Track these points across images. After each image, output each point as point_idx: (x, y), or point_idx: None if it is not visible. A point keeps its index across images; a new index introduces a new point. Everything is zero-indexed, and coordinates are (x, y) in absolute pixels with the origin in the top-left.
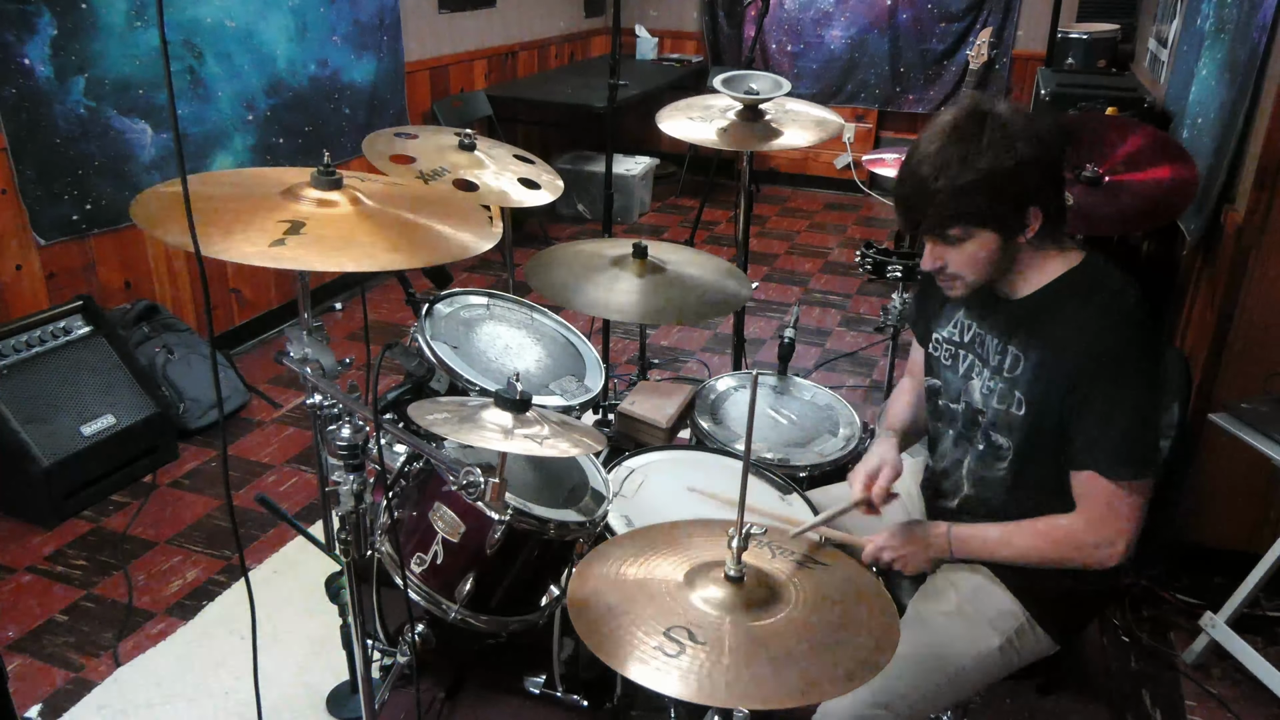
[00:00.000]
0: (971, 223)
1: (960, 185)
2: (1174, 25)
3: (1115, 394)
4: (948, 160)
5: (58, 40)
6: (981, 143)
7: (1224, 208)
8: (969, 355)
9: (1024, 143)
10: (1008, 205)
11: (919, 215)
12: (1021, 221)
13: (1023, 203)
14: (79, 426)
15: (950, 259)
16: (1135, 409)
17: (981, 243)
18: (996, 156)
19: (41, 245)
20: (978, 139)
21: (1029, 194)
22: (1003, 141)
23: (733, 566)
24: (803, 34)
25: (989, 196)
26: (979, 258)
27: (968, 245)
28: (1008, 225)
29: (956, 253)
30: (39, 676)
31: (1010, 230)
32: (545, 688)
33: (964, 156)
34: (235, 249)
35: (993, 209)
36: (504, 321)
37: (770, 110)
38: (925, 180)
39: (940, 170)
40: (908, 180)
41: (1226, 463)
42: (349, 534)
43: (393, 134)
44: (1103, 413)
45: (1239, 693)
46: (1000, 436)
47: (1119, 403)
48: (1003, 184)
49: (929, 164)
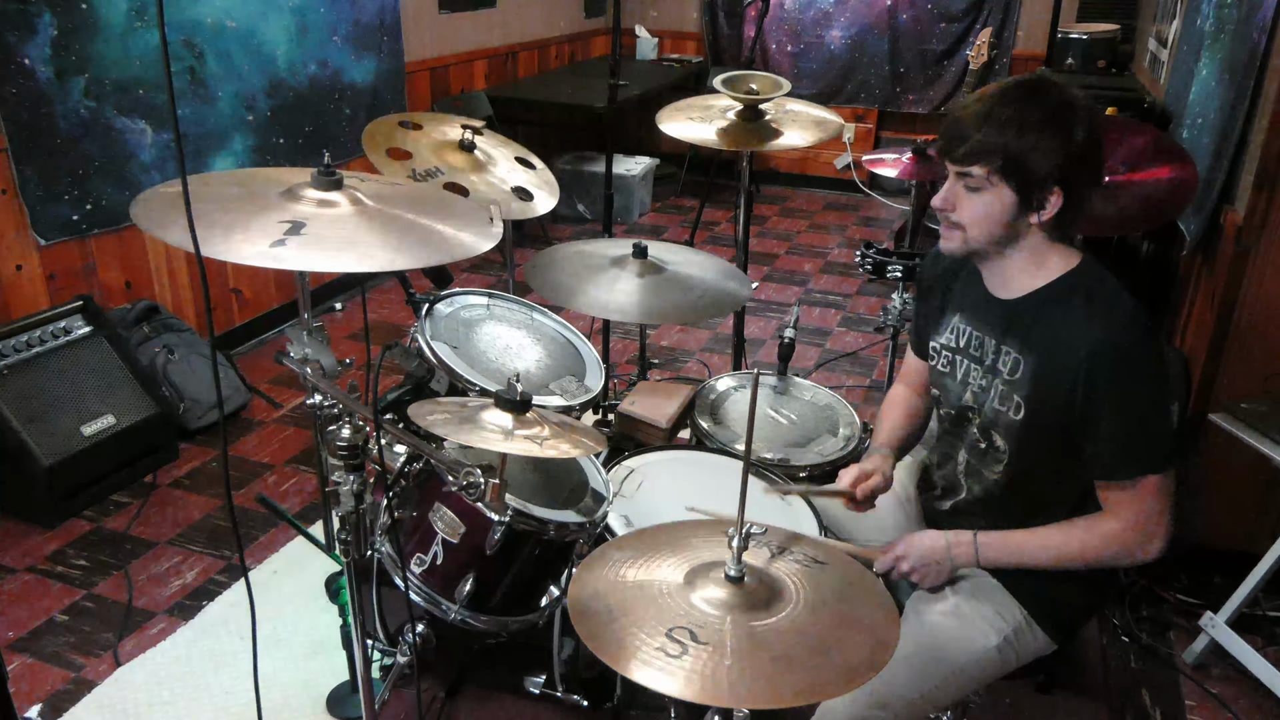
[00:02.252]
0: (996, 171)
1: (1005, 136)
2: (1174, 25)
3: (1124, 401)
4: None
5: (58, 40)
6: (1043, 110)
7: (1223, 208)
8: (964, 359)
9: (1081, 125)
10: (1036, 175)
11: (954, 143)
12: (1043, 196)
13: (1052, 178)
14: (79, 426)
15: (962, 204)
16: (1147, 406)
17: (998, 198)
18: (1046, 124)
19: (42, 245)
20: (1040, 105)
21: (1062, 173)
22: (1061, 116)
23: (733, 566)
24: (803, 34)
25: (1023, 157)
26: (989, 213)
27: (984, 195)
28: (1029, 192)
29: (970, 200)
30: (39, 676)
31: (1029, 198)
32: (545, 688)
33: (1022, 115)
34: (235, 249)
35: (1020, 170)
36: (504, 322)
37: (770, 110)
38: (976, 116)
39: (993, 115)
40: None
41: (1226, 463)
42: (349, 534)
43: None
44: (1114, 420)
45: (1239, 692)
46: (999, 438)
47: (1128, 407)
48: (1041, 152)
49: (986, 104)
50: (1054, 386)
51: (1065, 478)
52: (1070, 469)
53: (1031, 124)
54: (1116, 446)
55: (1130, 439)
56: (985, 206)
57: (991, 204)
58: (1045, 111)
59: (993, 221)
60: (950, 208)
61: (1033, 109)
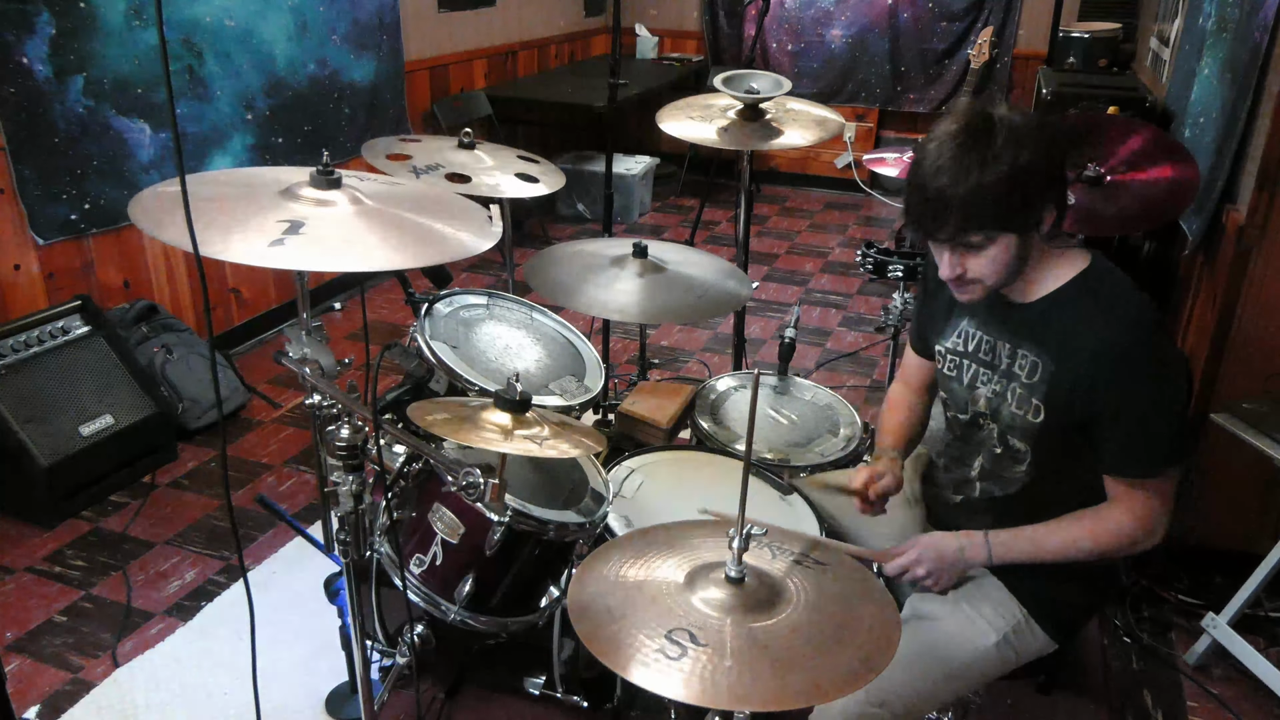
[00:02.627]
0: (993, 227)
1: (981, 191)
2: (1175, 24)
3: (1138, 396)
4: (965, 166)
5: (56, 39)
6: (996, 145)
7: (1225, 207)
8: (973, 364)
9: (1034, 142)
10: (1026, 205)
11: (939, 226)
12: (1037, 219)
13: (1036, 201)
14: (78, 426)
15: (970, 265)
16: (1159, 407)
17: (1003, 246)
18: (1014, 157)
19: (40, 245)
20: (991, 142)
21: (1042, 192)
22: (1015, 142)
23: (733, 567)
24: (803, 33)
25: (1009, 199)
26: (1001, 261)
27: (989, 250)
28: (1025, 225)
29: (977, 259)
30: (37, 677)
31: (1026, 229)
32: (545, 688)
33: (982, 161)
34: (234, 249)
35: (1012, 211)
36: (504, 321)
37: (770, 110)
38: (944, 190)
39: (959, 178)
40: (923, 191)
41: (1228, 463)
42: (348, 534)
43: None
44: (1128, 417)
45: (1240, 693)
46: (1018, 441)
47: (1143, 404)
48: (1021, 184)
49: (946, 173)
50: (1071, 387)
51: (1087, 472)
52: (1091, 465)
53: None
54: (1123, 445)
55: (1136, 438)
56: (994, 257)
57: (998, 254)
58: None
59: (1005, 264)
60: (961, 273)
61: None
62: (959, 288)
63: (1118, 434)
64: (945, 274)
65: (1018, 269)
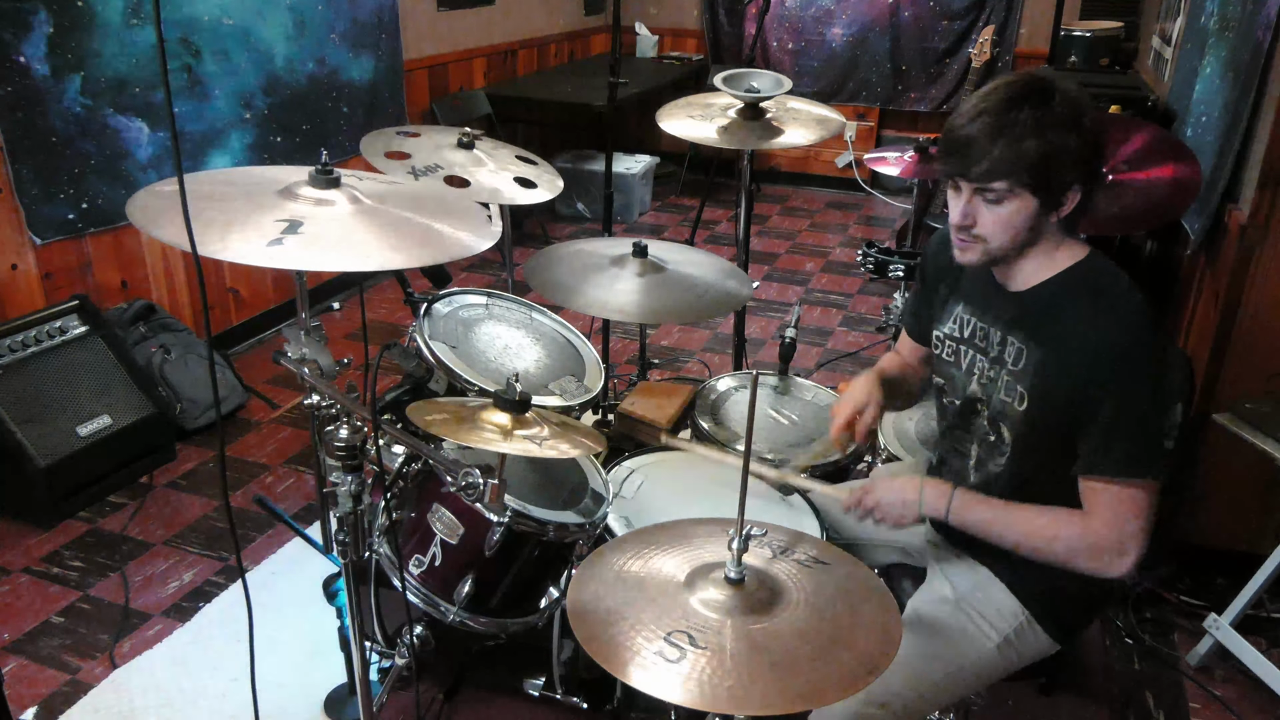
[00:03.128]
0: (1021, 183)
1: (1025, 146)
2: (1177, 23)
3: (1123, 398)
4: (1017, 120)
5: (54, 38)
6: (1054, 110)
7: (1227, 207)
8: (969, 350)
9: (1089, 121)
10: (1059, 177)
11: (970, 162)
12: (1061, 194)
13: (1070, 179)
14: (75, 427)
15: (982, 218)
16: (1144, 410)
17: (1020, 206)
18: (1066, 127)
19: (38, 244)
20: (1049, 106)
21: (1078, 171)
22: (1071, 114)
23: (733, 568)
24: (804, 32)
25: (1045, 159)
26: (1013, 222)
27: (1005, 206)
28: (1051, 196)
29: (991, 212)
30: (35, 679)
31: (1050, 202)
32: (545, 690)
33: (1036, 120)
34: (232, 248)
35: (1046, 176)
36: (503, 321)
37: (771, 109)
38: (986, 127)
39: (1005, 127)
40: (965, 128)
41: (1230, 463)
42: (347, 535)
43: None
44: (1111, 416)
45: (1243, 695)
46: (1005, 429)
47: (1128, 405)
48: (1063, 155)
49: (991, 115)
50: (1057, 380)
51: (1065, 475)
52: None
53: (1049, 127)
54: (1106, 443)
55: (1120, 437)
56: (1008, 216)
57: (1015, 213)
58: (1057, 112)
59: (1016, 229)
60: (971, 223)
61: (1045, 112)
62: (962, 241)
63: (1104, 431)
64: (955, 219)
65: (1024, 242)
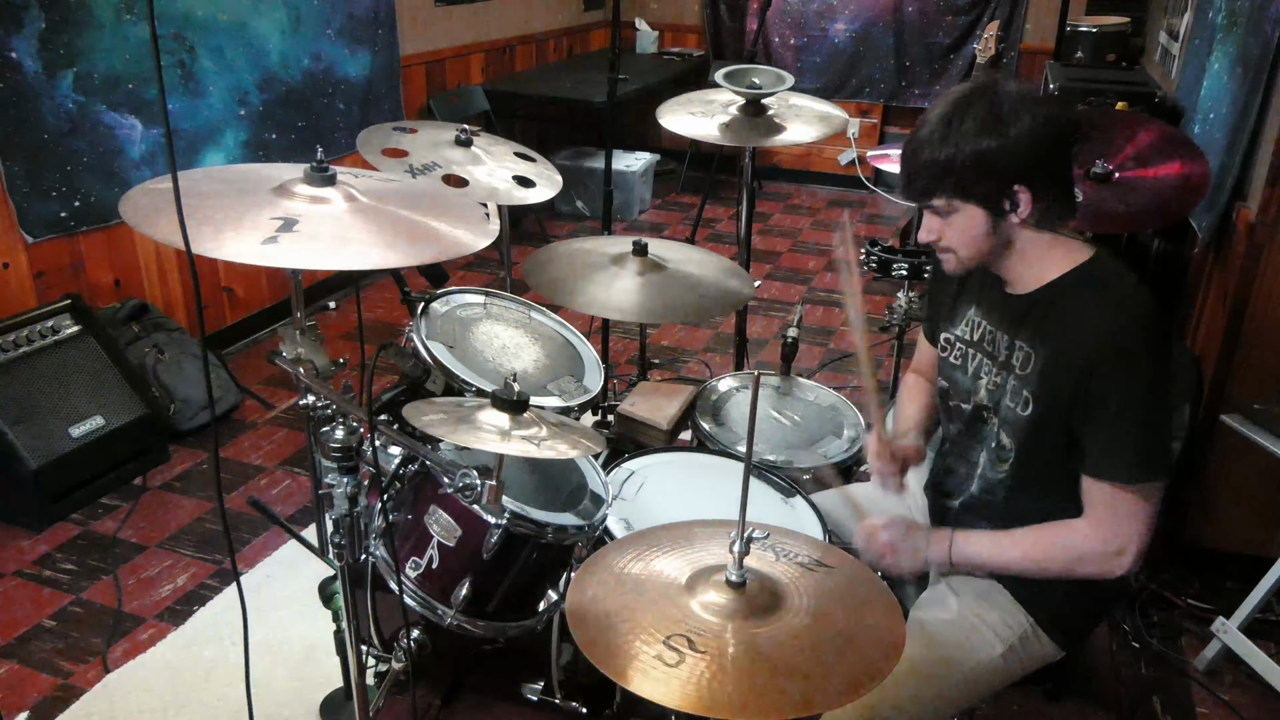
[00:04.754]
0: (953, 195)
1: (941, 157)
2: (1185, 18)
3: (1128, 396)
4: (937, 132)
5: (46, 34)
6: (970, 118)
7: (1236, 205)
8: (978, 354)
9: (1016, 123)
10: (989, 183)
11: (908, 184)
12: (1009, 201)
13: (1006, 182)
14: (67, 428)
15: (944, 232)
16: (1147, 411)
17: (969, 217)
18: (981, 133)
19: (29, 243)
20: (967, 115)
21: (1014, 174)
22: (991, 119)
23: (734, 572)
24: (806, 27)
25: (965, 171)
26: (970, 233)
27: (956, 218)
28: (992, 203)
29: (947, 226)
30: (26, 683)
31: (997, 209)
32: (544, 695)
33: (949, 130)
34: (227, 247)
35: (972, 184)
36: (501, 321)
37: (773, 105)
38: (918, 149)
39: (927, 141)
40: (907, 147)
41: (1239, 465)
42: (343, 538)
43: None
44: (1115, 416)
45: (1252, 700)
46: (1006, 436)
47: (1131, 405)
48: (985, 161)
49: (922, 132)
50: (1060, 382)
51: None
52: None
53: (964, 137)
54: (1111, 445)
55: (1127, 439)
56: (962, 228)
57: (966, 224)
58: (972, 120)
59: (975, 237)
60: (937, 238)
61: (961, 129)
62: (940, 253)
63: (1110, 432)
64: (922, 236)
65: (997, 250)
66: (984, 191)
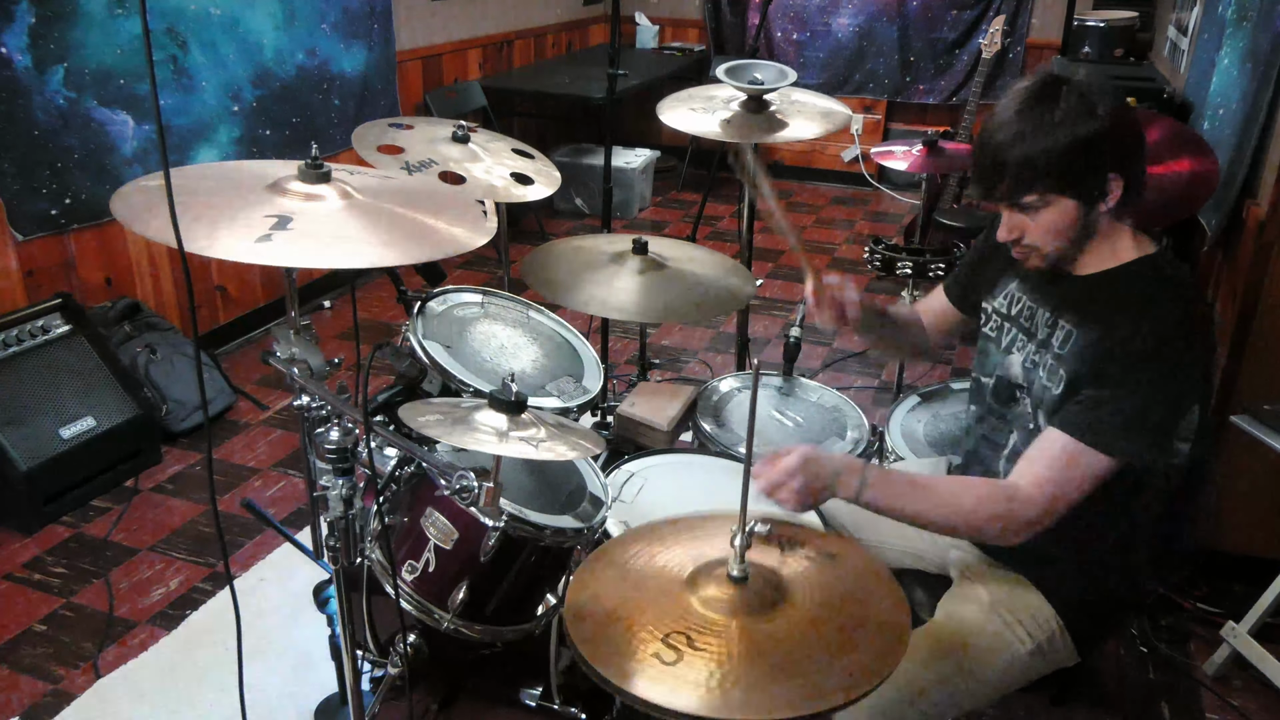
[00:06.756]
0: (1050, 189)
1: (1038, 151)
2: (1194, 13)
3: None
4: (1026, 127)
5: (36, 29)
6: (1059, 108)
7: (1245, 202)
8: (1013, 328)
9: (1104, 108)
10: (1087, 171)
11: (994, 185)
12: (1102, 189)
13: (1103, 169)
14: (58, 429)
15: (1028, 229)
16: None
17: (1061, 211)
18: (1076, 121)
19: (19, 241)
20: (1055, 104)
21: (1109, 160)
22: (1081, 106)
23: (736, 567)
24: (809, 22)
25: (1068, 162)
26: (1059, 226)
27: (1046, 213)
28: (1088, 192)
29: (1034, 222)
30: (16, 688)
31: (1091, 197)
32: (542, 699)
33: (1041, 122)
34: (220, 245)
35: (1072, 175)
36: (499, 320)
37: (775, 101)
38: (1001, 147)
39: (1017, 138)
40: (983, 149)
41: (1248, 467)
42: (338, 540)
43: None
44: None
45: (1261, 705)
46: (1042, 416)
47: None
48: (1082, 149)
49: (1005, 131)
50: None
51: None
52: None
53: (1060, 126)
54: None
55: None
56: (1051, 222)
57: (1056, 219)
58: (1065, 109)
59: (1064, 231)
60: (1019, 236)
61: (1054, 112)
62: (1018, 252)
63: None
64: (1002, 236)
65: (1080, 240)
66: (1081, 181)
